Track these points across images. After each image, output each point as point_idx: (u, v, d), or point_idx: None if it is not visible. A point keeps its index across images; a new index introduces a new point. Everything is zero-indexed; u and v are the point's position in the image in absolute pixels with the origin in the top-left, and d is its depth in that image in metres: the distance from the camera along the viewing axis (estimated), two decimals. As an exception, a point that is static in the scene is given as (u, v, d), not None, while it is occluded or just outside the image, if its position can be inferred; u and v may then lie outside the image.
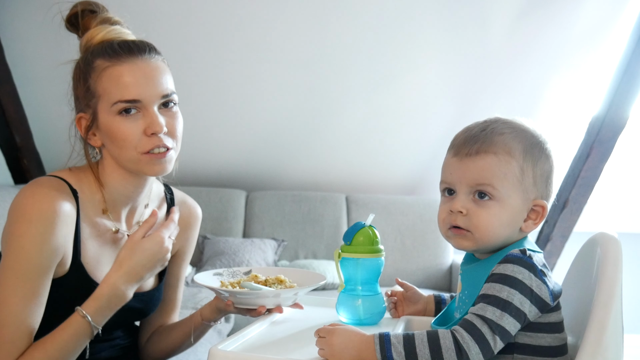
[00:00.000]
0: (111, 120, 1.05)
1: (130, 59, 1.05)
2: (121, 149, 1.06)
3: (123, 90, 1.04)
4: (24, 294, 0.99)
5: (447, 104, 3.26)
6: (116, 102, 1.04)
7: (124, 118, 1.05)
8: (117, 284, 1.05)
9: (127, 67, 1.05)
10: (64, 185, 1.06)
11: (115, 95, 1.04)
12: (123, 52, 1.06)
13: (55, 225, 1.00)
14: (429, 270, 3.36)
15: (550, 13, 2.87)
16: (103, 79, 1.05)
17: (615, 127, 2.92)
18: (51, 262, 1.01)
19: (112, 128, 1.05)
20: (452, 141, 0.97)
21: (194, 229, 1.33)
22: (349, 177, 3.65)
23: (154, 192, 1.24)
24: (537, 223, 0.94)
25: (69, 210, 1.04)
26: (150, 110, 1.05)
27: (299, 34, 2.95)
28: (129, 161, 1.07)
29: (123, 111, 1.04)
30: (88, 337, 1.04)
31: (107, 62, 1.05)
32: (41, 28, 2.86)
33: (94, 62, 1.07)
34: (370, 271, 1.06)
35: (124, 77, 1.04)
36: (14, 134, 3.09)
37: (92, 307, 1.04)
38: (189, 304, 2.59)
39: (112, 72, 1.05)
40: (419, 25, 2.91)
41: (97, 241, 1.11)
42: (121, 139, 1.05)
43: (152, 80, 1.06)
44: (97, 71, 1.06)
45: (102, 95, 1.05)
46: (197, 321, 1.23)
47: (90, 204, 1.10)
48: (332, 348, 0.85)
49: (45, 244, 0.99)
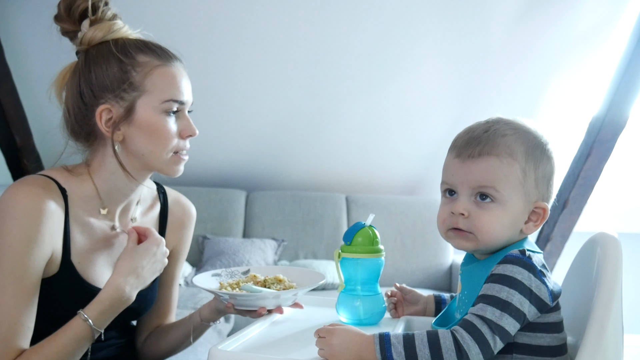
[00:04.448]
0: (157, 117, 1.08)
1: (176, 63, 1.12)
2: (157, 146, 1.09)
3: (176, 90, 1.10)
4: (14, 293, 0.99)
5: (447, 104, 3.27)
6: (168, 100, 1.09)
7: (169, 117, 1.10)
8: (122, 286, 1.06)
9: (176, 70, 1.11)
10: (51, 183, 1.06)
11: (168, 94, 1.09)
12: (170, 56, 1.12)
13: (41, 222, 1.00)
14: (429, 270, 3.36)
15: (550, 13, 2.87)
16: (154, 76, 1.08)
17: (615, 127, 2.93)
18: (39, 260, 1.01)
19: (156, 124, 1.08)
20: (453, 142, 0.96)
21: (188, 228, 1.33)
22: (349, 177, 3.65)
23: (146, 190, 1.24)
24: (537, 225, 0.94)
25: (55, 208, 1.03)
26: (186, 114, 1.13)
27: (299, 34, 2.95)
28: (159, 158, 1.10)
29: (170, 110, 1.09)
30: (89, 340, 1.04)
31: (158, 61, 1.09)
32: (41, 28, 2.86)
33: (137, 57, 1.08)
34: (370, 271, 1.06)
35: (177, 78, 1.11)
36: (14, 134, 3.09)
37: (95, 311, 1.04)
38: (189, 304, 2.59)
39: (165, 71, 1.09)
40: (419, 26, 2.91)
41: (89, 240, 1.10)
42: (163, 137, 1.09)
43: (189, 87, 1.15)
44: (147, 67, 1.08)
45: (151, 90, 1.08)
46: (196, 321, 1.23)
47: (82, 203, 1.10)
48: (331, 348, 0.85)
49: (31, 241, 0.99)
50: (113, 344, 1.21)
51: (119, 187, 1.13)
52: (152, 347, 1.29)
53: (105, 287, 1.05)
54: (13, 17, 2.87)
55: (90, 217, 1.11)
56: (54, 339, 1.01)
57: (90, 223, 1.11)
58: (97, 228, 1.12)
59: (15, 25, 2.90)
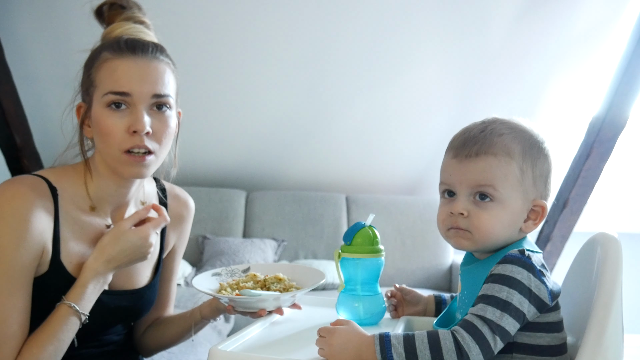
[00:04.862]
0: (100, 111, 1.05)
1: (131, 55, 1.06)
2: (104, 144, 1.06)
3: (114, 82, 1.04)
4: (10, 292, 0.99)
5: (447, 104, 3.27)
6: (107, 93, 1.05)
7: (112, 112, 1.05)
8: (99, 270, 1.06)
9: (125, 61, 1.05)
10: (42, 182, 1.06)
11: (107, 86, 1.05)
12: (127, 49, 1.07)
13: (29, 221, 1.00)
14: (429, 270, 3.36)
15: (550, 13, 2.87)
16: (101, 70, 1.06)
17: (615, 127, 2.92)
18: (30, 258, 1.01)
19: (99, 120, 1.05)
20: (450, 142, 0.97)
21: (187, 221, 1.32)
22: (349, 177, 3.65)
23: (148, 191, 1.24)
24: (537, 223, 0.94)
25: (44, 207, 1.03)
26: (138, 108, 1.04)
27: (299, 34, 2.95)
28: (110, 157, 1.07)
29: (112, 104, 1.04)
30: (78, 325, 1.05)
31: (110, 55, 1.07)
32: (41, 28, 2.86)
33: (100, 54, 1.08)
34: (370, 271, 1.06)
35: (119, 70, 1.05)
36: (14, 134, 3.09)
37: (78, 295, 1.04)
38: (189, 304, 2.59)
39: (110, 65, 1.06)
40: (418, 26, 2.91)
41: (81, 240, 1.10)
42: (105, 133, 1.05)
43: (145, 78, 1.05)
44: (99, 62, 1.07)
45: (98, 85, 1.06)
46: (196, 318, 1.24)
47: (74, 202, 1.09)
48: (331, 348, 0.85)
49: (22, 240, 0.99)
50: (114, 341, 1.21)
51: (104, 188, 1.12)
52: (151, 339, 1.30)
53: (85, 271, 1.05)
54: (13, 17, 2.87)
55: (84, 216, 1.11)
56: (47, 329, 1.02)
57: (83, 222, 1.10)
58: (90, 227, 1.11)
59: (15, 25, 2.89)
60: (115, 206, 1.15)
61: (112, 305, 1.13)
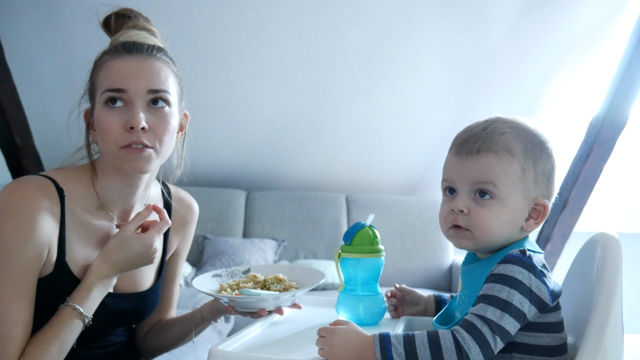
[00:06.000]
0: (99, 110, 1.06)
1: (127, 54, 1.07)
2: (103, 142, 1.06)
3: (110, 80, 1.05)
4: (15, 292, 0.99)
5: (447, 104, 3.26)
6: (104, 91, 1.05)
7: (109, 109, 1.05)
8: (104, 274, 1.06)
9: (121, 60, 1.06)
10: (49, 183, 1.06)
11: (104, 85, 1.06)
12: (123, 49, 1.08)
13: (36, 222, 1.00)
14: (429, 270, 3.36)
15: (550, 13, 2.87)
16: (100, 72, 1.08)
17: (615, 127, 2.92)
18: (36, 259, 1.01)
19: (98, 119, 1.06)
20: (453, 140, 0.97)
21: (191, 224, 1.33)
22: (349, 177, 3.65)
23: (153, 193, 1.23)
24: (538, 222, 0.94)
25: (50, 208, 1.03)
26: (134, 104, 1.04)
27: (299, 34, 2.95)
28: (110, 155, 1.07)
29: (109, 102, 1.05)
30: (81, 327, 1.05)
31: (108, 57, 1.08)
32: (41, 28, 2.86)
33: (101, 59, 1.10)
34: (370, 271, 1.06)
35: (115, 68, 1.06)
36: (14, 134, 3.09)
37: (83, 297, 1.04)
38: (189, 304, 2.59)
39: (108, 65, 1.07)
40: (419, 25, 2.91)
41: (86, 242, 1.10)
42: (104, 130, 1.05)
43: (141, 74, 1.06)
44: (100, 63, 1.09)
45: (98, 86, 1.08)
46: (197, 320, 1.24)
47: (80, 204, 1.09)
48: (331, 348, 0.85)
49: (28, 240, 0.99)
50: (116, 342, 1.21)
51: (110, 189, 1.12)
52: (153, 341, 1.30)
53: (89, 274, 1.06)
54: (13, 17, 2.87)
55: (90, 218, 1.11)
56: (51, 331, 1.02)
57: (89, 224, 1.10)
58: (95, 229, 1.11)
59: (15, 25, 2.89)
60: (122, 208, 1.15)
61: (115, 308, 1.13)
